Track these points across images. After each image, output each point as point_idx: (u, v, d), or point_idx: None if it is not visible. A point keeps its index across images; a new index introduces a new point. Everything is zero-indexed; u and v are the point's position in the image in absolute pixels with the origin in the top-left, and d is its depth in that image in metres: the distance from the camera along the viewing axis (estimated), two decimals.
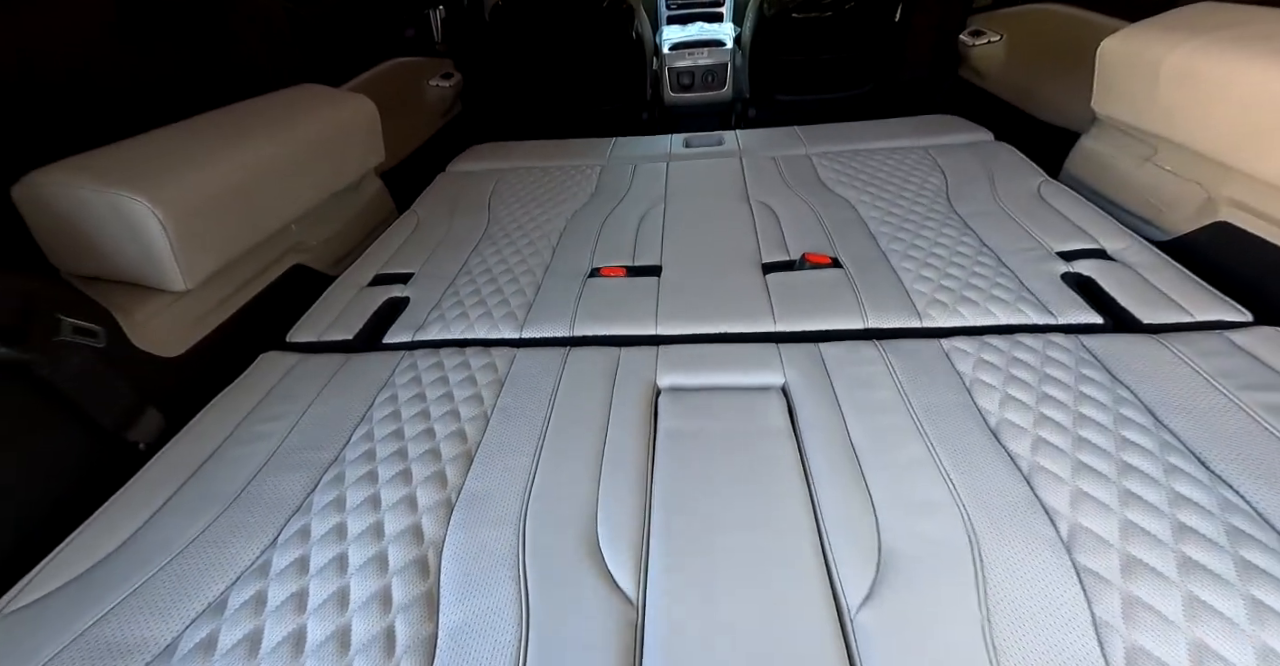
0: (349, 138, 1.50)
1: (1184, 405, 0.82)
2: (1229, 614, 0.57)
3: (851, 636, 0.62)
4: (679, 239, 1.43)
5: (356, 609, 0.68)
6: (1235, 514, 0.67)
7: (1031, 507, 0.71)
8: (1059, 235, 1.26)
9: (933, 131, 1.90)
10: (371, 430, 0.94)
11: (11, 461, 0.77)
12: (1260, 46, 0.99)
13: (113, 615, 0.68)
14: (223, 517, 0.80)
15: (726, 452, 0.84)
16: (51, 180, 0.92)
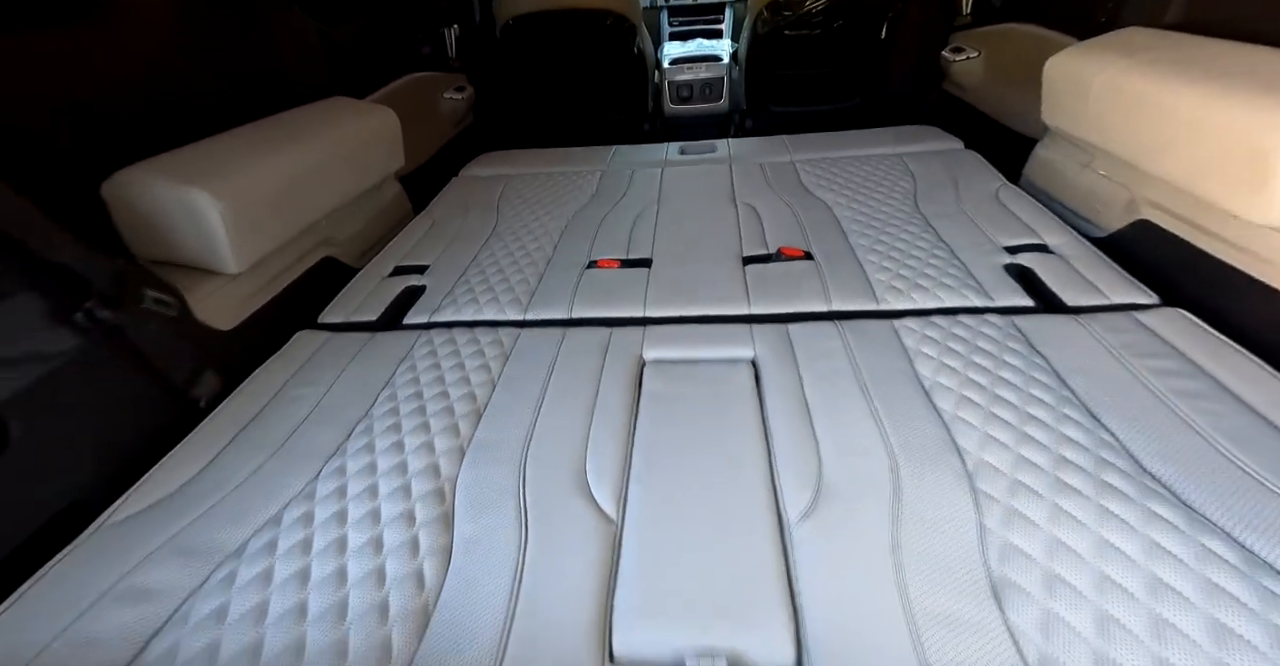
0: (374, 145, 1.67)
1: (1085, 369, 0.96)
2: (1083, 518, 0.71)
3: (789, 543, 0.76)
4: (669, 235, 1.59)
5: (387, 523, 0.83)
6: (1105, 449, 0.81)
7: (947, 448, 0.85)
8: (1008, 232, 1.41)
9: (908, 140, 2.06)
10: (395, 393, 1.09)
11: (104, 405, 0.94)
12: (1170, 69, 1.14)
13: (191, 527, 0.83)
14: (273, 458, 0.96)
15: (699, 409, 0.99)
16: (132, 179, 1.09)
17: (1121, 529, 0.70)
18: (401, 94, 2.20)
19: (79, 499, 0.87)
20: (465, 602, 0.72)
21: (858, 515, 0.77)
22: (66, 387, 0.88)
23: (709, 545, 0.76)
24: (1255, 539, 0.68)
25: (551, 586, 0.73)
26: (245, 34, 1.54)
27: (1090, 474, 0.77)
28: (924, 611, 0.65)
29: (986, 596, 0.66)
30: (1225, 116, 0.98)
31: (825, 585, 0.70)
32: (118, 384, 0.95)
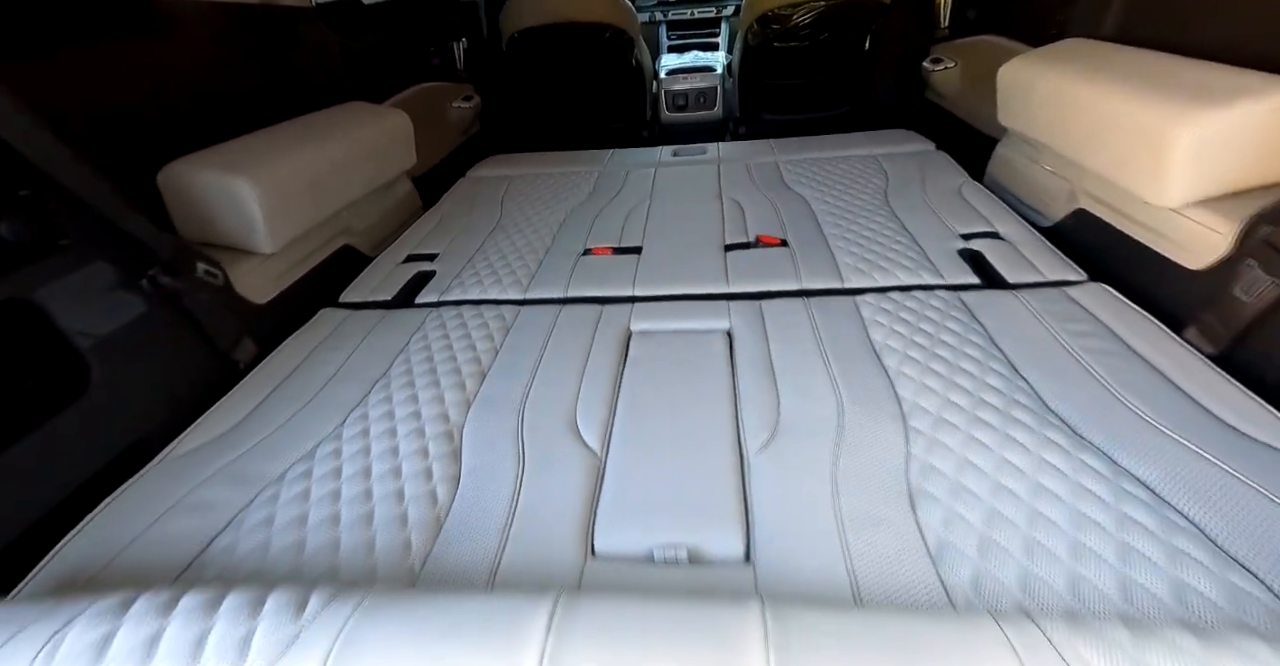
0: (389, 144, 1.83)
1: (1014, 333, 1.10)
2: (989, 443, 0.85)
3: (747, 469, 0.89)
4: (658, 227, 1.74)
5: (404, 456, 0.97)
6: (1019, 393, 0.95)
7: (888, 396, 0.99)
8: (965, 222, 1.55)
9: (884, 143, 2.21)
10: (409, 357, 1.24)
11: (162, 360, 1.08)
12: (1098, 74, 1.29)
13: (239, 459, 0.97)
14: (305, 408, 1.10)
15: (677, 370, 1.13)
16: (183, 169, 1.25)
17: (1018, 450, 0.84)
18: (413, 101, 2.37)
19: (143, 437, 1.01)
20: (471, 515, 0.86)
21: (807, 447, 0.91)
22: (134, 342, 1.02)
23: (678, 470, 0.90)
24: (1127, 457, 0.81)
25: (543, 502, 0.87)
26: (277, 45, 1.70)
27: (1001, 411, 0.91)
28: (851, 515, 0.79)
29: (904, 502, 0.80)
30: (1136, 115, 1.12)
31: (773, 498, 0.84)
32: (174, 343, 1.10)
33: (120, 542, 0.82)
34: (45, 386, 0.91)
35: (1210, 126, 0.99)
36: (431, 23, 2.75)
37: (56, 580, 0.78)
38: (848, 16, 2.77)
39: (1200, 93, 1.03)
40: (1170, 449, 0.82)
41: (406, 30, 2.53)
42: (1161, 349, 1.01)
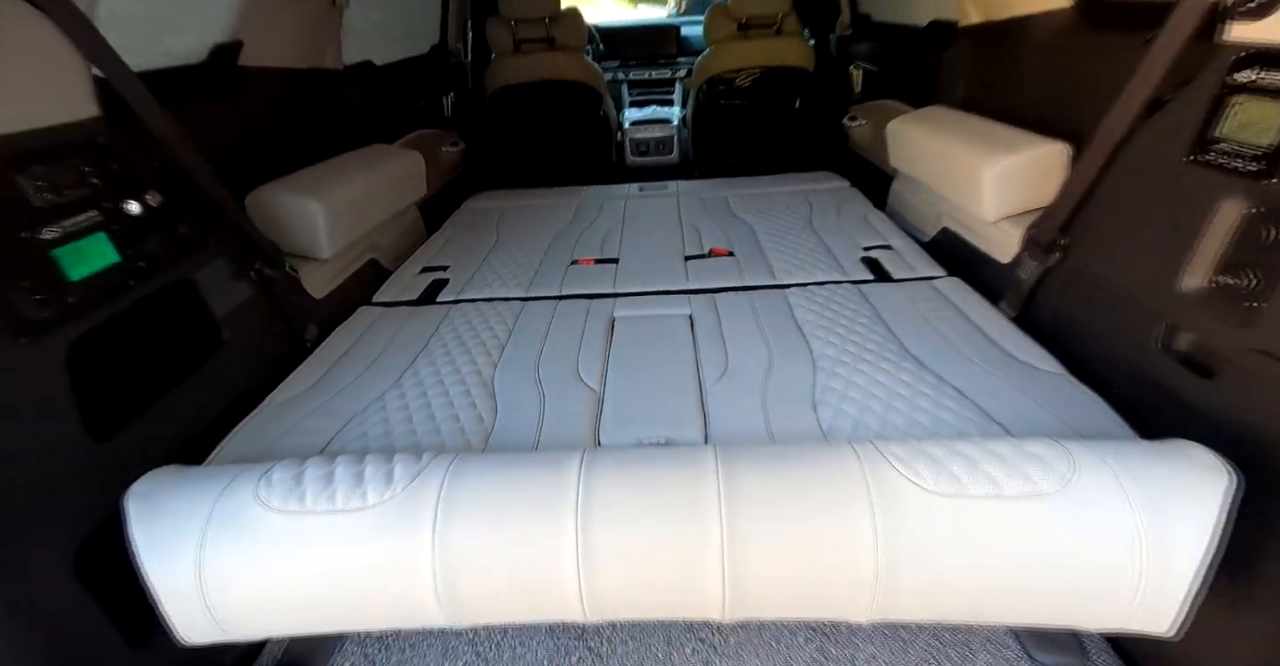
0: (407, 178, 2.21)
1: (893, 309, 1.54)
2: (868, 372, 1.27)
3: (705, 394, 1.28)
4: (631, 243, 2.16)
5: (454, 397, 1.31)
6: (890, 342, 1.38)
7: (804, 348, 1.40)
8: (867, 238, 2.03)
9: (811, 181, 2.72)
10: (442, 337, 1.59)
11: (260, 332, 1.40)
12: (946, 130, 1.80)
13: (326, 403, 1.30)
14: (367, 371, 1.43)
15: (652, 339, 1.52)
16: (265, 192, 1.60)
17: (885, 375, 1.26)
18: (414, 143, 2.76)
19: (247, 389, 1.32)
20: (509, 427, 1.21)
21: (746, 380, 1.30)
22: (244, 317, 1.35)
23: (656, 396, 1.28)
24: (948, 375, 1.24)
25: (560, 420, 1.23)
26: (319, 99, 2.09)
27: (877, 355, 1.33)
28: (773, 413, 1.18)
29: (808, 406, 1.19)
30: (965, 158, 1.62)
31: (723, 407, 1.22)
32: (267, 320, 1.42)
33: (261, 448, 1.14)
34: (197, 345, 1.23)
35: (1003, 167, 1.48)
36: (427, 80, 3.18)
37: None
38: (780, 81, 3.36)
39: (1000, 144, 1.53)
40: (973, 368, 1.26)
41: (408, 86, 2.94)
42: (983, 314, 1.47)
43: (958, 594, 0.86)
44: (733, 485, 0.89)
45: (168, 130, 1.14)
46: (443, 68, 3.30)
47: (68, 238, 0.95)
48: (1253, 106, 0.88)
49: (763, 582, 0.88)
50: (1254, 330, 0.87)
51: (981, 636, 1.24)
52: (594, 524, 0.87)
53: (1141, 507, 0.79)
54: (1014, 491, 0.83)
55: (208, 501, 0.90)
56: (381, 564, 0.88)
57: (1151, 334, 1.06)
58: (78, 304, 0.96)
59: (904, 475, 0.86)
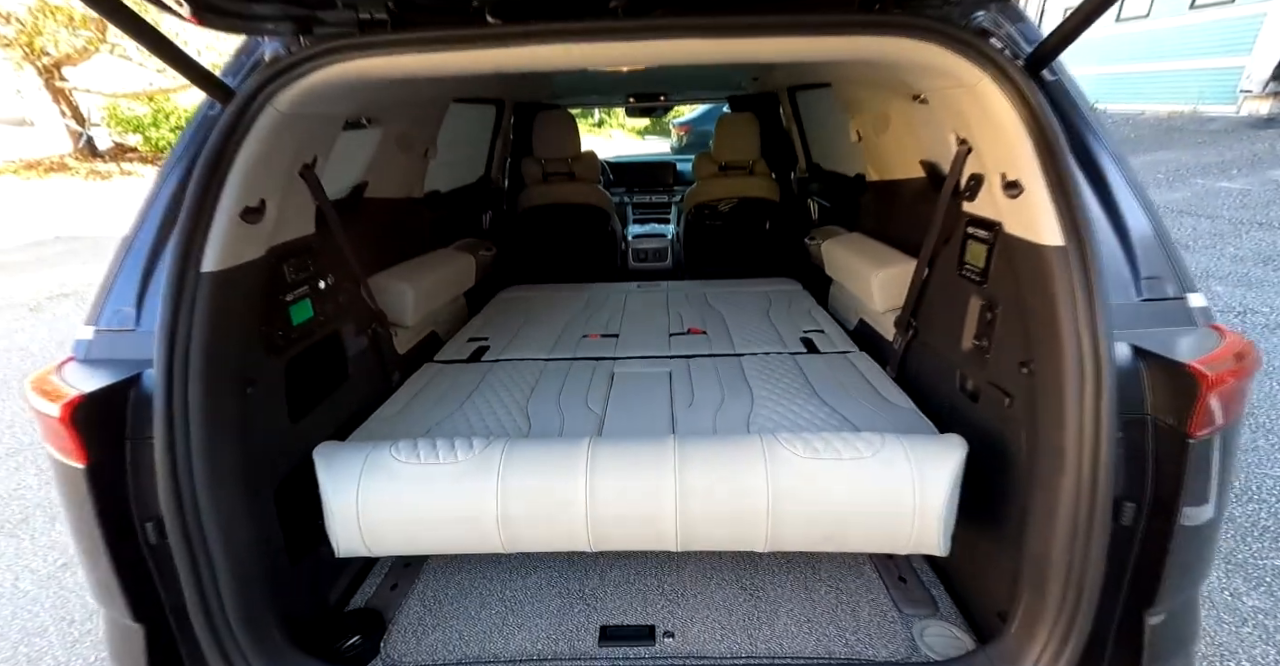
0: (460, 272, 2.94)
1: (815, 372, 2.16)
2: (789, 407, 1.87)
3: (675, 419, 1.87)
4: (629, 324, 2.83)
5: (500, 416, 1.90)
6: (807, 391, 1.99)
7: (748, 393, 2.01)
8: (807, 324, 2.70)
9: (772, 285, 3.47)
10: (489, 382, 2.20)
11: (366, 374, 2.02)
12: (856, 249, 2.54)
13: (410, 420, 1.89)
14: (438, 402, 2.03)
15: (642, 384, 2.13)
16: (378, 278, 2.29)
17: (797, 408, 1.86)
18: (461, 248, 3.54)
19: (359, 409, 1.92)
20: (540, 432, 1.79)
21: (705, 409, 1.90)
22: (361, 361, 1.98)
23: (641, 417, 1.87)
24: (842, 409, 1.84)
25: (576, 430, 1.81)
26: (407, 216, 2.87)
27: (796, 398, 1.94)
28: (721, 426, 1.77)
29: (744, 424, 1.78)
30: (863, 269, 2.33)
31: (686, 425, 1.81)
32: (370, 364, 2.05)
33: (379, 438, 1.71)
34: (337, 375, 1.85)
35: (883, 276, 2.18)
36: (475, 201, 4.04)
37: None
38: (753, 208, 4.23)
39: (883, 260, 2.25)
40: (858, 406, 1.86)
41: (461, 207, 3.79)
42: (874, 374, 2.09)
43: (818, 524, 1.41)
44: (684, 456, 1.47)
45: (340, 238, 1.85)
46: (486, 193, 4.20)
47: (295, 300, 1.61)
48: (974, 246, 1.58)
49: (700, 520, 1.43)
50: (987, 370, 1.50)
51: (867, 598, 1.73)
52: (596, 478, 1.44)
53: (916, 466, 1.37)
54: (848, 456, 1.41)
55: (361, 457, 1.47)
56: (465, 498, 1.44)
57: (954, 379, 1.69)
58: (295, 338, 1.59)
59: (785, 448, 1.45)
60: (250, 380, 1.39)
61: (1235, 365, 1.07)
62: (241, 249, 1.32)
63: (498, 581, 1.83)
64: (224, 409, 1.25)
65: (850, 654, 1.54)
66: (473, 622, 1.69)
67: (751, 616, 1.68)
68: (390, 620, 1.70)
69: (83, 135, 13.42)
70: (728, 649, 1.58)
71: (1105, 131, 1.29)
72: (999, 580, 1.46)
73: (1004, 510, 1.42)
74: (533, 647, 1.60)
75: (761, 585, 1.79)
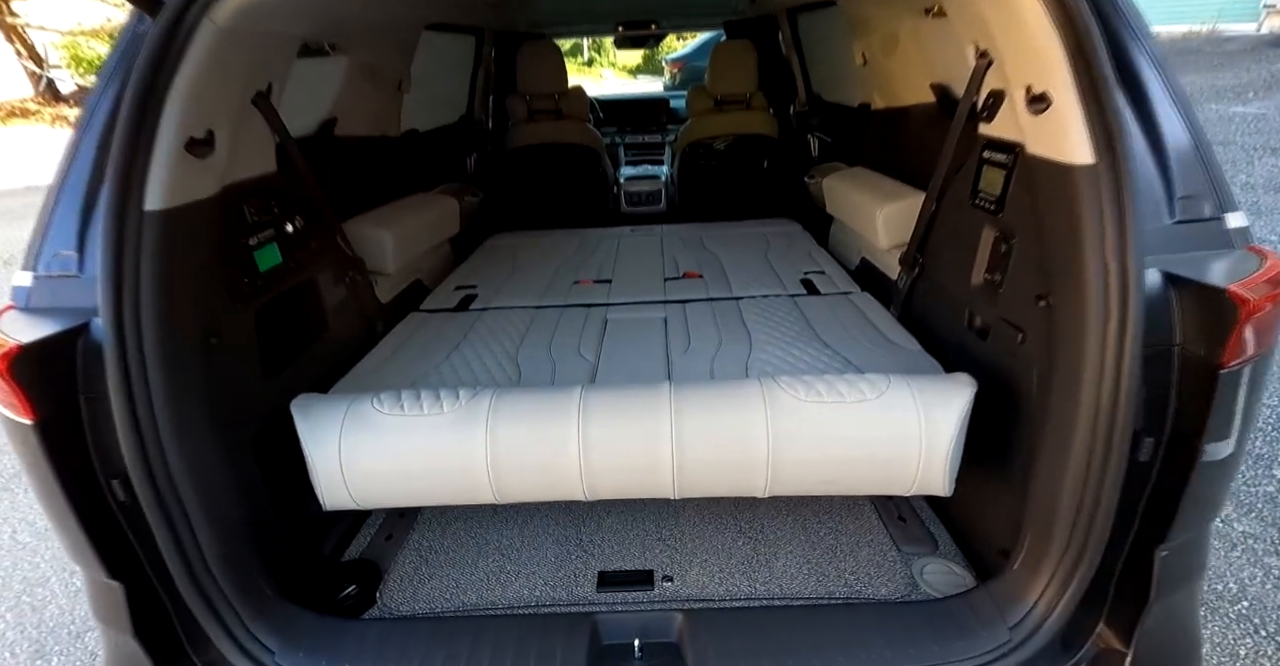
0: (444, 216, 2.80)
1: (814, 313, 2.08)
2: (789, 350, 1.79)
3: (671, 365, 1.80)
4: (622, 269, 2.72)
5: (490, 365, 1.83)
6: (808, 334, 1.91)
7: (746, 337, 1.93)
8: (807, 266, 2.60)
9: (771, 225, 3.34)
10: (477, 329, 2.11)
11: (347, 323, 1.93)
12: (860, 184, 2.40)
13: (398, 370, 1.81)
14: (425, 351, 1.95)
15: (636, 331, 2.05)
16: (354, 224, 2.16)
17: (797, 351, 1.78)
18: (446, 192, 3.37)
19: (341, 359, 1.84)
20: (531, 380, 1.72)
21: (702, 353, 1.83)
22: (340, 310, 1.88)
23: (636, 364, 1.80)
24: (843, 350, 1.77)
25: (568, 377, 1.74)
26: (383, 158, 2.70)
27: (797, 340, 1.87)
28: (719, 372, 1.70)
29: (743, 368, 1.72)
30: (868, 204, 2.21)
31: (682, 371, 1.74)
32: (352, 313, 1.96)
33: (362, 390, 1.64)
34: (316, 326, 1.76)
35: (888, 211, 2.06)
36: (457, 143, 3.83)
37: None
38: (750, 146, 4.02)
39: (888, 194, 2.13)
40: (861, 347, 1.79)
41: (442, 147, 3.59)
42: (877, 315, 2.01)
43: (820, 468, 1.36)
44: (680, 401, 1.40)
45: (309, 177, 1.71)
46: (469, 133, 3.97)
47: (259, 244, 1.50)
48: (990, 172, 1.46)
49: (699, 466, 1.38)
50: (998, 306, 1.41)
51: (866, 538, 1.71)
52: (590, 427, 1.38)
53: (922, 407, 1.31)
54: (852, 399, 1.35)
55: (341, 409, 1.40)
56: (453, 450, 1.38)
57: (963, 317, 1.61)
58: (262, 286, 1.49)
59: (786, 391, 1.38)
60: (214, 330, 1.30)
61: (1274, 290, 0.98)
62: (190, 185, 1.21)
63: (494, 530, 1.81)
64: (185, 360, 1.17)
65: (850, 593, 1.53)
66: (469, 571, 1.68)
67: (750, 559, 1.67)
68: (386, 570, 1.69)
69: (42, 78, 12.72)
70: (727, 591, 1.57)
71: (1145, 30, 1.15)
72: (1002, 518, 1.43)
73: (1011, 448, 1.37)
74: (530, 595, 1.59)
75: (760, 528, 1.77)
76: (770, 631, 1.31)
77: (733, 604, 1.52)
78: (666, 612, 1.39)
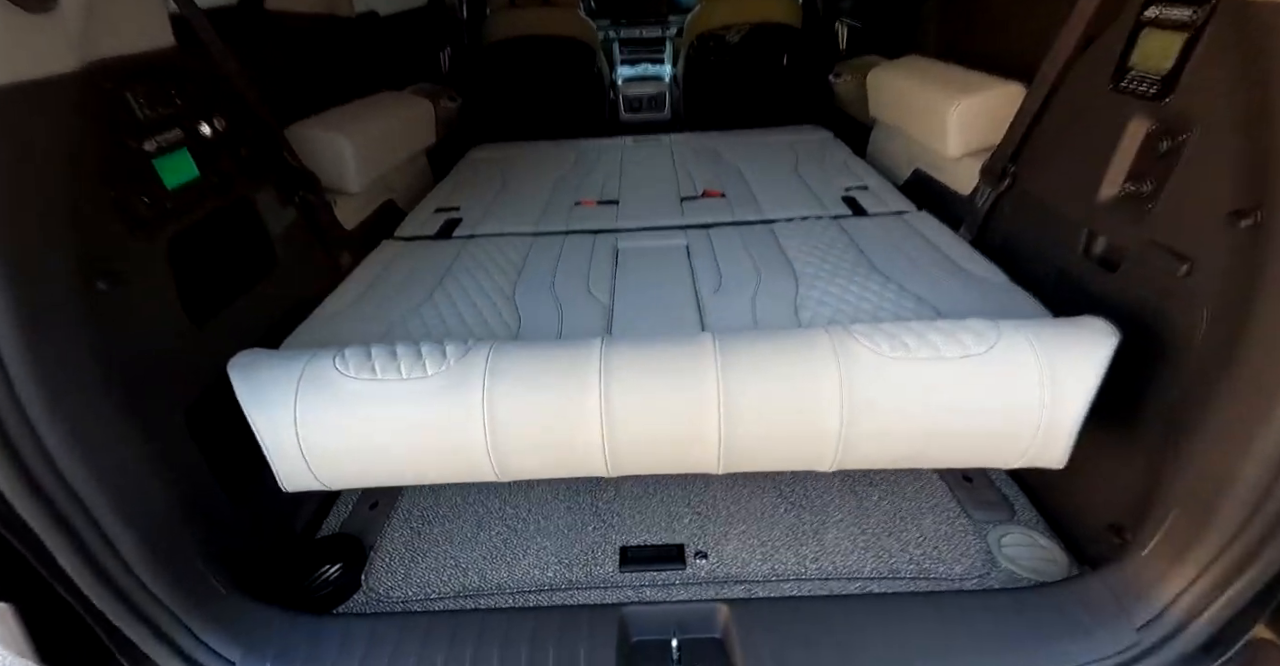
0: (419, 123, 2.35)
1: (866, 237, 1.73)
2: (843, 285, 1.47)
3: (702, 306, 1.47)
4: (629, 187, 2.32)
5: (481, 308, 1.49)
6: (862, 262, 1.58)
7: (789, 269, 1.59)
8: (847, 179, 2.21)
9: (798, 133, 2.89)
10: (464, 261, 1.76)
11: (304, 255, 1.57)
12: (918, 76, 1.97)
13: (371, 312, 1.48)
14: (401, 290, 1.60)
15: (654, 263, 1.71)
16: (301, 128, 1.74)
17: (856, 286, 1.46)
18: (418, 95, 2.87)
19: (299, 300, 1.50)
20: (533, 329, 1.40)
21: (738, 291, 1.50)
22: (293, 240, 1.51)
23: (659, 306, 1.47)
24: (909, 284, 1.45)
25: (578, 324, 1.42)
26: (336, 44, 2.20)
27: (851, 270, 1.54)
28: (761, 316, 1.38)
29: (791, 309, 1.40)
30: (933, 100, 1.80)
31: (717, 314, 1.42)
32: (311, 243, 1.59)
33: (323, 342, 1.32)
34: (260, 259, 1.40)
35: (964, 107, 1.67)
36: (427, 32, 3.25)
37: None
38: (768, 37, 3.47)
39: (963, 87, 1.72)
40: (932, 281, 1.46)
41: (408, 37, 3.03)
42: (944, 239, 1.67)
43: (904, 439, 1.08)
44: (728, 360, 1.09)
45: (230, 63, 1.29)
46: (440, 21, 3.37)
47: (162, 151, 1.11)
48: (1154, 39, 1.07)
49: (751, 439, 1.10)
50: (1147, 225, 1.08)
51: (929, 503, 1.48)
52: (614, 391, 1.08)
53: (1047, 363, 1.01)
54: (951, 354, 1.04)
55: (296, 370, 1.09)
56: (442, 423, 1.08)
57: (1077, 241, 1.28)
58: (173, 208, 1.12)
59: (864, 345, 1.07)
60: (104, 270, 0.95)
61: None
62: (25, 53, 0.82)
63: (496, 497, 1.56)
64: (55, 315, 0.84)
65: (918, 571, 1.31)
66: (469, 546, 1.44)
67: (795, 529, 1.44)
68: (372, 546, 1.45)
69: None
70: (771, 569, 1.35)
71: None
72: (1116, 487, 1.18)
73: (1143, 405, 1.10)
74: (542, 575, 1.36)
75: (803, 492, 1.54)
76: (833, 627, 1.09)
77: (780, 585, 1.30)
78: (707, 604, 1.17)
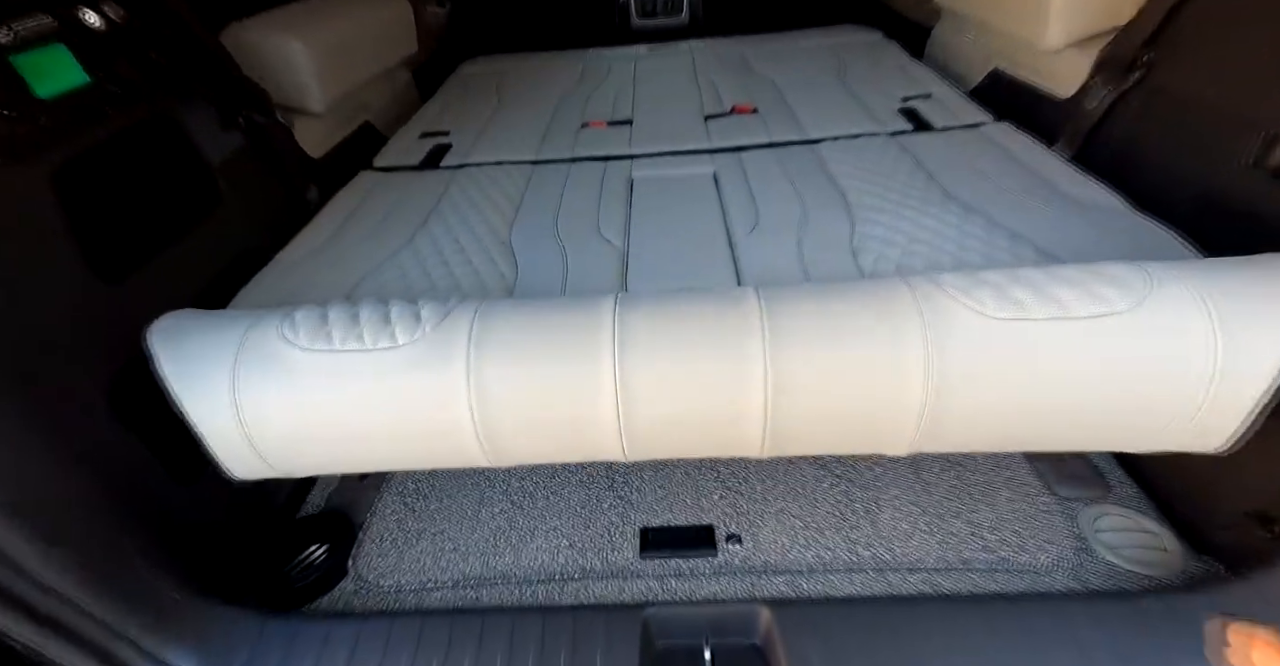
0: (397, 27, 2.00)
1: (935, 158, 1.41)
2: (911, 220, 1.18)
3: (736, 247, 1.20)
4: (645, 104, 1.98)
5: (471, 254, 1.24)
6: (933, 189, 1.28)
7: (840, 200, 1.30)
8: (904, 88, 1.85)
9: (839, 35, 2.46)
10: (452, 197, 1.49)
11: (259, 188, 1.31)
12: None
13: (341, 259, 1.23)
14: (378, 231, 1.35)
15: (675, 196, 1.42)
16: (242, 30, 1.42)
17: (930, 220, 1.17)
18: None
19: (252, 246, 1.25)
20: (532, 280, 1.15)
21: (779, 231, 1.22)
22: (242, 170, 1.25)
23: (683, 251, 1.20)
24: (998, 215, 1.16)
25: (587, 273, 1.16)
26: None
27: (919, 202, 1.24)
28: (811, 261, 1.11)
29: (848, 252, 1.12)
30: None
31: (755, 259, 1.15)
32: (265, 175, 1.32)
33: (277, 300, 1.09)
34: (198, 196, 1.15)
35: None
36: None
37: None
38: None
39: None
40: (1027, 210, 1.17)
41: None
42: (1036, 156, 1.35)
43: (1009, 418, 0.84)
44: (776, 319, 0.84)
45: None
46: None
47: (24, 43, 0.83)
48: None
49: (807, 416, 0.86)
50: None
51: (1003, 476, 1.26)
52: (632, 361, 0.84)
53: (1220, 320, 0.75)
54: (1083, 312, 0.78)
55: (234, 338, 0.86)
56: (417, 402, 0.86)
57: (1243, 149, 0.96)
58: (52, 126, 0.86)
59: (961, 302, 0.81)
60: None
61: None
62: None
63: (500, 469, 1.37)
64: None
65: (994, 561, 1.11)
66: (470, 526, 1.27)
67: (843, 509, 1.24)
68: (361, 525, 1.29)
69: None
70: (816, 557, 1.15)
71: None
72: (1267, 461, 0.94)
73: None
74: (553, 561, 1.19)
75: (850, 463, 1.32)
76: (896, 634, 0.91)
77: (828, 577, 1.12)
78: (745, 605, 0.99)
